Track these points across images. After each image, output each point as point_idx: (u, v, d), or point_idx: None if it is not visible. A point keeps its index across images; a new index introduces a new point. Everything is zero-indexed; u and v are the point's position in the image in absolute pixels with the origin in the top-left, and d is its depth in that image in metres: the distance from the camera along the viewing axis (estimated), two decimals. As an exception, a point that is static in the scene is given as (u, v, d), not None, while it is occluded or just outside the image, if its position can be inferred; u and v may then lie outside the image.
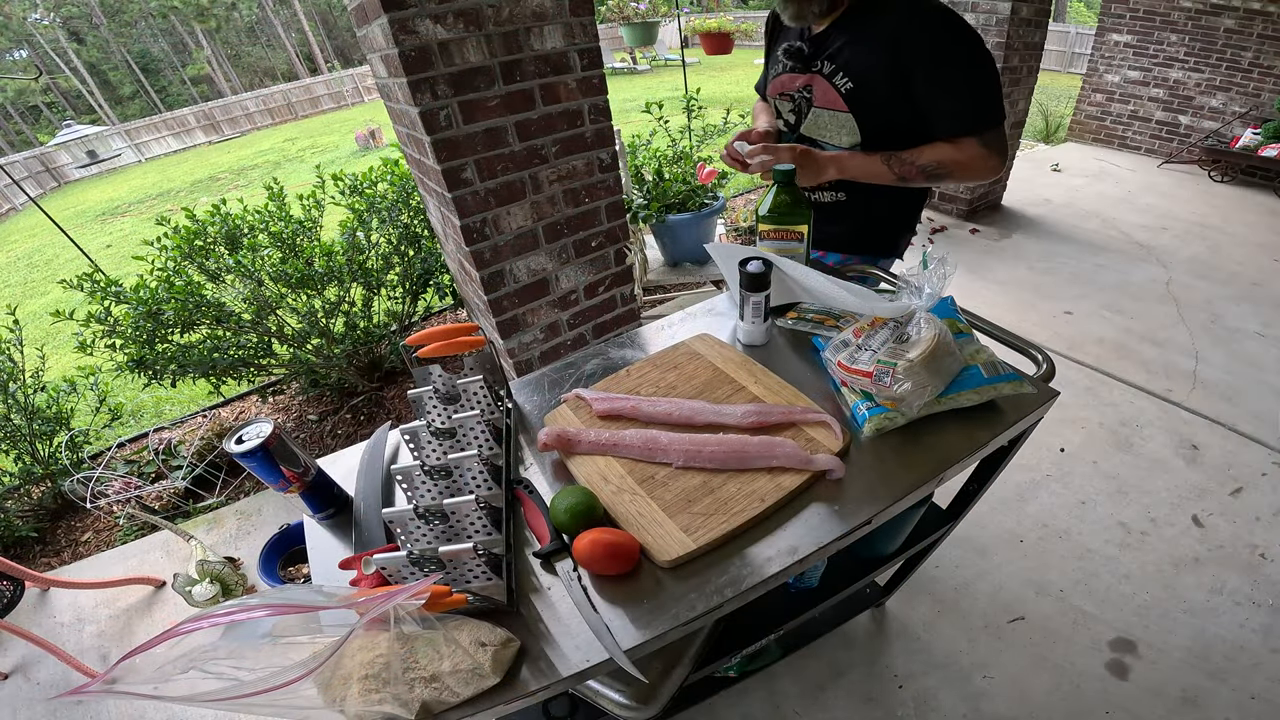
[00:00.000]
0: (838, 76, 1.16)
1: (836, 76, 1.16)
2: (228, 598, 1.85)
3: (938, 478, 0.77)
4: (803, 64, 1.23)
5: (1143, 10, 4.83)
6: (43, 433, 2.41)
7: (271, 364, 2.64)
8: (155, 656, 0.49)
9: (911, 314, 0.86)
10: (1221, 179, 4.52)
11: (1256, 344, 2.68)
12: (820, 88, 1.21)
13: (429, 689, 0.59)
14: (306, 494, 0.82)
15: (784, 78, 1.29)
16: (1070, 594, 1.70)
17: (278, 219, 2.53)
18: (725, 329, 1.10)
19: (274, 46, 28.88)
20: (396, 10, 1.53)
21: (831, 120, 1.22)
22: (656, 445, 0.82)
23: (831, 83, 1.17)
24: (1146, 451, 2.14)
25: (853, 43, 1.13)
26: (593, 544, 0.69)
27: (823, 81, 1.19)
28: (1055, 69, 11.65)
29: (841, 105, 1.18)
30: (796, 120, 1.32)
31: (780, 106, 1.34)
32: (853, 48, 1.13)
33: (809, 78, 1.23)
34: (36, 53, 23.70)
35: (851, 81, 1.15)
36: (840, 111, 1.19)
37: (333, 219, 2.70)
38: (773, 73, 1.34)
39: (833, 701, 1.51)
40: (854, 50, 1.13)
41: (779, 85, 1.32)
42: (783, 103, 1.33)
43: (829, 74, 1.18)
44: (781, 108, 1.34)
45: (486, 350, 0.92)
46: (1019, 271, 3.37)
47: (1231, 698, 1.44)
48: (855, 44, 1.13)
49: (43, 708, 1.71)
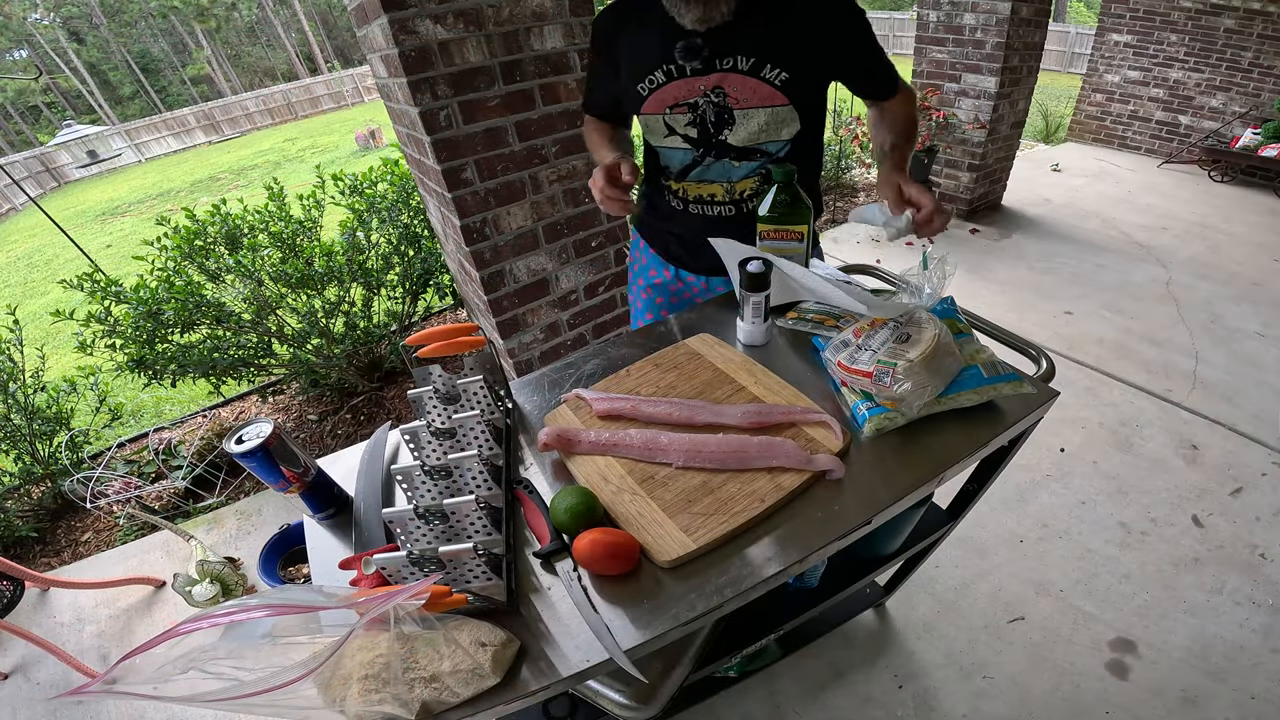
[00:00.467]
0: (765, 70, 1.05)
1: (764, 70, 1.05)
2: (228, 598, 1.85)
3: (938, 478, 0.77)
4: (705, 64, 1.07)
5: (1143, 10, 4.83)
6: (43, 433, 2.41)
7: (271, 364, 2.64)
8: (155, 657, 0.49)
9: (911, 314, 0.86)
10: (1221, 179, 4.52)
11: (1256, 344, 2.68)
12: (739, 86, 1.08)
13: (429, 689, 0.59)
14: (306, 494, 0.82)
15: (676, 85, 1.10)
16: (1070, 594, 1.70)
17: (278, 219, 2.53)
18: (725, 329, 1.10)
19: (274, 46, 28.88)
20: (396, 10, 1.53)
21: (770, 118, 1.10)
22: (656, 445, 0.82)
23: (759, 77, 1.06)
24: (1146, 451, 2.14)
25: (771, 31, 1.03)
26: (593, 544, 0.69)
27: (740, 79, 1.07)
28: (1055, 69, 11.66)
29: (780, 99, 1.08)
30: (707, 132, 1.14)
31: (672, 121, 1.15)
32: (773, 36, 1.04)
33: (717, 78, 1.07)
34: (36, 53, 23.70)
35: (785, 71, 1.05)
36: (779, 106, 1.09)
37: (333, 219, 2.70)
38: (648, 83, 1.12)
39: (833, 701, 1.51)
40: (775, 38, 1.04)
41: (666, 96, 1.12)
42: (676, 116, 1.14)
43: (750, 69, 1.06)
44: (674, 122, 1.15)
45: (486, 350, 0.92)
46: (1019, 271, 3.38)
47: (1231, 698, 1.44)
48: (774, 31, 1.04)
49: (43, 708, 1.71)
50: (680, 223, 1.30)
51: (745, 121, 1.11)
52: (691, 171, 1.21)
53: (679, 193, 1.25)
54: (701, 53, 1.06)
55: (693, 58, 1.07)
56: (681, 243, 1.34)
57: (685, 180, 1.23)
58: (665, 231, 1.36)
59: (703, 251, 1.19)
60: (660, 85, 1.11)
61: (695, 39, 1.05)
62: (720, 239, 1.06)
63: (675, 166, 1.23)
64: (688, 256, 1.35)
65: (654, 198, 1.34)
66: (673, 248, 1.36)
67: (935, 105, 3.69)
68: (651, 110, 1.15)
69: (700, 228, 1.26)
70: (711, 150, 1.17)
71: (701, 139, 1.16)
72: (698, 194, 1.23)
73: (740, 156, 1.16)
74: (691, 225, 1.27)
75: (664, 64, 1.09)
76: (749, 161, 1.17)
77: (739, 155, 1.16)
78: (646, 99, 1.14)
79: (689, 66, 1.08)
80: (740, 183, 1.20)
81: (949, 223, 1.14)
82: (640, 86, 1.13)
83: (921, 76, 3.78)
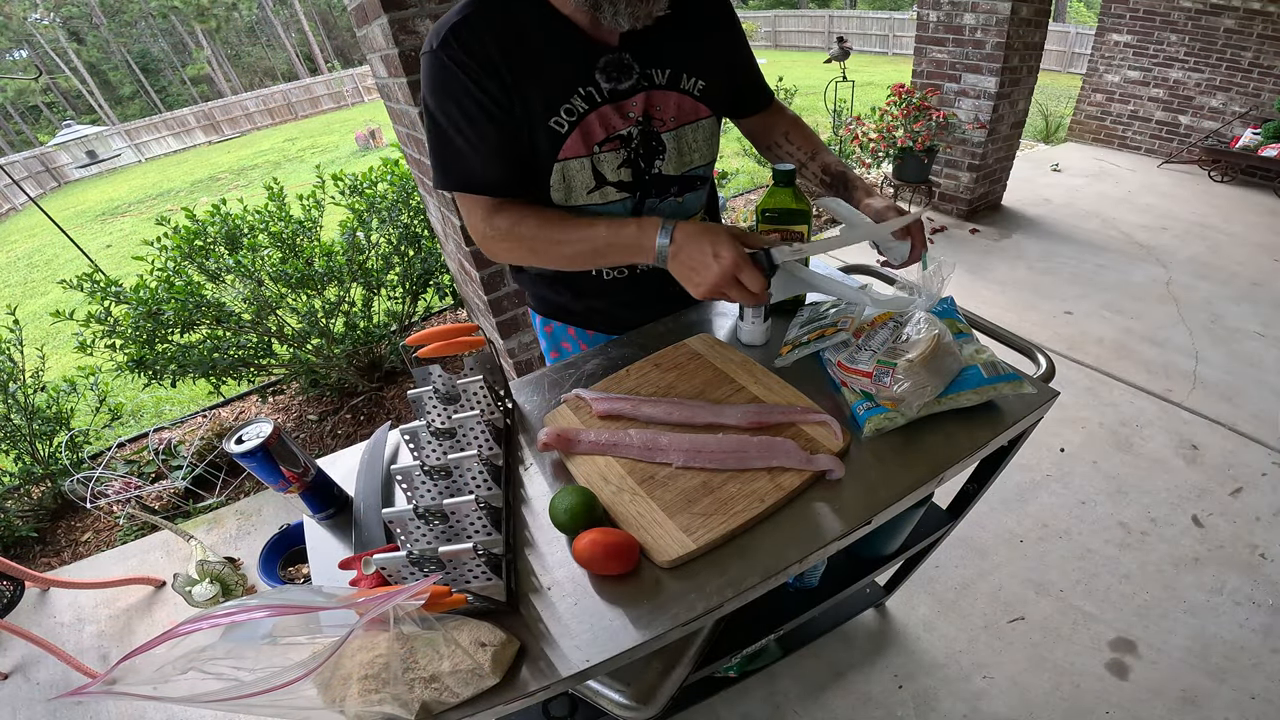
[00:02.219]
0: (684, 80, 0.91)
1: (683, 80, 0.91)
2: (228, 598, 1.85)
3: (938, 478, 0.77)
4: (632, 83, 0.87)
5: (1143, 10, 4.83)
6: (43, 433, 2.41)
7: (271, 364, 2.64)
8: (155, 657, 0.49)
9: (911, 314, 0.86)
10: (1221, 179, 4.52)
11: (1256, 344, 2.68)
12: (662, 103, 0.90)
13: (429, 689, 0.59)
14: (306, 494, 0.82)
15: (602, 112, 0.86)
16: (1070, 594, 1.70)
17: (278, 219, 2.53)
18: (725, 329, 1.10)
19: (274, 46, 28.88)
20: (396, 10, 1.53)
21: (696, 135, 0.95)
22: (656, 445, 0.82)
23: (679, 89, 0.91)
24: (1146, 451, 2.14)
25: (674, 35, 0.88)
26: (593, 544, 0.69)
27: (661, 94, 0.90)
28: (1055, 69, 11.66)
29: (703, 110, 0.95)
30: (639, 169, 0.93)
31: (602, 165, 0.90)
32: (677, 41, 0.89)
33: (643, 98, 0.88)
34: (36, 53, 23.70)
35: (701, 79, 0.92)
36: (704, 119, 0.95)
37: (333, 219, 2.71)
38: (565, 115, 0.85)
39: (833, 701, 1.51)
40: (679, 43, 0.90)
41: (592, 130, 0.87)
42: (606, 156, 0.89)
43: (668, 81, 0.90)
44: (604, 166, 0.90)
45: (486, 350, 0.92)
46: (1019, 271, 3.38)
47: (1231, 697, 1.44)
48: (678, 36, 0.89)
49: (43, 708, 1.71)
50: (629, 291, 1.08)
51: (675, 144, 0.94)
52: None
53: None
54: (632, 68, 0.85)
55: (623, 76, 0.85)
56: (634, 308, 1.12)
57: None
58: (605, 309, 1.12)
59: (657, 301, 1.07)
60: (582, 116, 0.85)
61: (619, 52, 0.84)
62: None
63: None
64: (637, 318, 1.13)
65: (573, 277, 1.07)
66: (621, 314, 1.13)
67: (935, 105, 3.69)
68: (574, 153, 0.87)
69: (656, 286, 1.06)
70: (651, 190, 0.95)
71: (636, 180, 0.94)
72: None
73: (683, 188, 0.99)
74: (646, 286, 1.08)
75: (580, 87, 0.84)
76: (692, 192, 1.00)
77: (681, 186, 0.98)
78: (566, 138, 0.86)
79: (614, 88, 0.86)
80: (695, 219, 1.05)
81: (951, 223, 1.12)
82: (555, 122, 0.85)
83: (921, 76, 3.79)
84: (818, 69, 11.67)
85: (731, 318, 1.12)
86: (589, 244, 0.86)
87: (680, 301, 1.09)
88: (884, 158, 3.80)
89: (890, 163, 3.84)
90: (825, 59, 5.71)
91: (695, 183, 1.02)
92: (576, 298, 1.13)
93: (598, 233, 0.85)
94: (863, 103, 5.25)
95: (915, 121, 3.61)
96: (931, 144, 3.60)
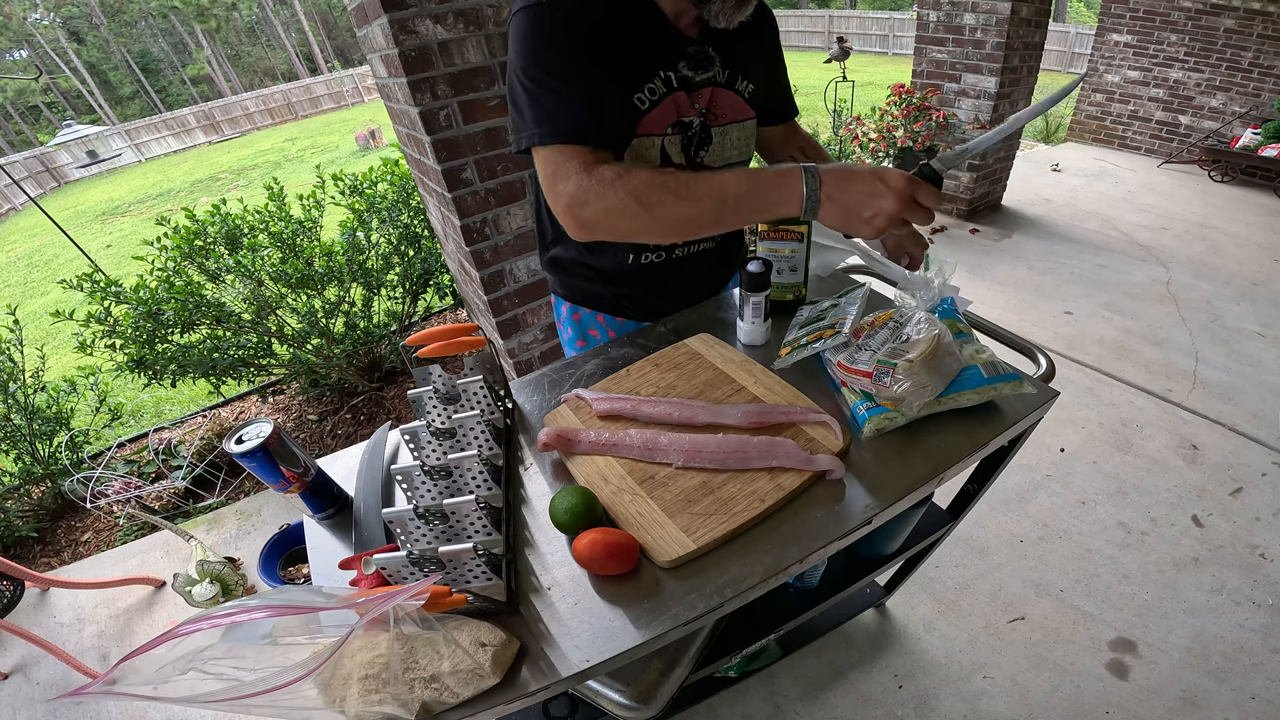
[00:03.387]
0: (739, 81, 0.98)
1: (739, 81, 0.98)
2: (228, 598, 1.85)
3: (938, 478, 0.77)
4: (709, 75, 0.93)
5: (1143, 10, 4.83)
6: (43, 433, 2.41)
7: (271, 364, 2.64)
8: (155, 657, 0.49)
9: (911, 314, 0.86)
10: (1221, 179, 4.52)
11: (1256, 344, 2.68)
12: (720, 100, 0.97)
13: (429, 689, 0.59)
14: (306, 494, 0.82)
15: (678, 97, 0.92)
16: (1070, 594, 1.70)
17: (278, 219, 2.53)
18: (725, 329, 1.10)
19: (274, 46, 28.88)
20: (396, 10, 1.53)
21: (739, 133, 1.01)
22: (656, 445, 0.82)
23: (734, 90, 0.98)
24: (1146, 451, 2.14)
25: (738, 38, 0.93)
26: (592, 544, 0.69)
27: (723, 92, 0.97)
28: (1055, 69, 11.66)
29: (748, 111, 1.01)
30: (689, 156, 0.98)
31: (670, 146, 0.95)
32: (739, 44, 0.96)
33: (709, 91, 0.95)
34: (36, 53, 23.70)
35: (751, 82, 0.99)
36: (748, 120, 1.02)
37: (333, 219, 2.70)
38: (648, 94, 0.89)
39: (833, 701, 1.51)
40: (740, 46, 0.96)
41: (667, 113, 0.92)
42: (671, 138, 0.94)
43: (727, 81, 0.96)
44: (671, 147, 0.95)
45: (486, 350, 0.92)
46: (1019, 271, 3.38)
47: (1231, 698, 1.44)
48: (740, 39, 0.95)
49: (43, 708, 1.71)
50: (661, 279, 1.13)
51: (721, 139, 0.99)
52: None
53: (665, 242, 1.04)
54: (713, 62, 0.92)
55: (704, 68, 0.91)
56: (664, 296, 1.17)
57: None
58: (636, 295, 1.16)
59: (687, 289, 1.14)
60: (661, 98, 0.91)
61: (703, 44, 0.91)
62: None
63: None
64: (668, 306, 1.17)
65: (602, 260, 1.10)
66: (651, 302, 1.18)
67: (935, 105, 3.69)
68: (650, 130, 0.92)
69: (688, 272, 1.14)
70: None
71: (686, 166, 0.98)
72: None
73: None
74: (677, 273, 1.14)
75: (662, 70, 0.89)
76: None
77: None
78: (645, 114, 0.90)
79: (692, 78, 0.91)
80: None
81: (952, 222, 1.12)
82: (638, 98, 0.89)
83: (921, 76, 3.79)
84: (818, 69, 11.67)
85: (732, 318, 1.12)
86: (715, 197, 0.78)
87: (708, 291, 1.19)
88: (884, 158, 3.81)
89: (890, 163, 3.84)
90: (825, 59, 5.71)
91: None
92: (606, 283, 1.14)
93: (726, 183, 0.77)
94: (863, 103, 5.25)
95: (915, 121, 3.61)
96: (931, 144, 3.60)
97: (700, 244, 1.12)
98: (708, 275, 1.19)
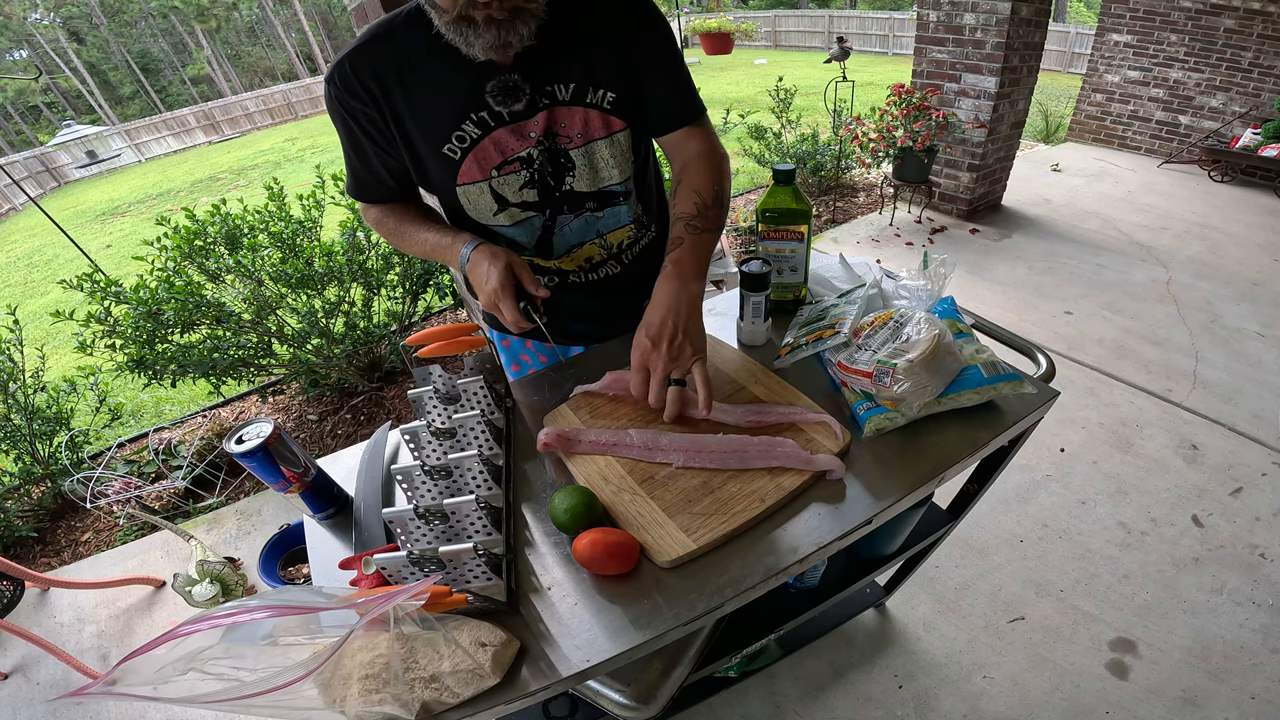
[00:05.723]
0: (591, 94, 0.88)
1: (589, 94, 0.88)
2: (228, 598, 1.85)
3: (938, 478, 0.77)
4: (524, 104, 0.85)
5: (1143, 10, 4.83)
6: (43, 433, 2.41)
7: (271, 364, 2.64)
8: (155, 657, 0.49)
9: (911, 314, 0.86)
10: (1221, 179, 4.52)
11: (1256, 344, 2.68)
12: (566, 120, 0.89)
13: (429, 689, 0.59)
14: (306, 494, 0.82)
15: (496, 136, 0.87)
16: (1070, 594, 1.70)
17: (278, 219, 2.53)
18: (725, 329, 1.10)
19: (274, 46, 28.88)
20: (396, 10, 1.52)
21: (610, 150, 0.93)
22: (656, 445, 0.82)
23: (586, 104, 0.89)
24: (1146, 451, 2.14)
25: (583, 46, 0.86)
26: (592, 544, 0.69)
27: (568, 111, 0.88)
28: (1055, 69, 11.66)
29: (615, 124, 0.92)
30: (548, 187, 0.94)
31: (502, 189, 0.92)
32: (585, 51, 0.86)
33: (544, 117, 0.87)
34: (36, 53, 23.70)
35: (612, 91, 0.89)
36: (617, 132, 0.93)
37: (333, 219, 2.70)
38: (457, 142, 0.87)
39: (833, 701, 1.51)
40: (588, 54, 0.86)
41: (488, 154, 0.88)
42: (506, 179, 0.91)
43: (573, 97, 0.88)
44: (504, 190, 0.92)
45: (486, 350, 0.92)
46: (1019, 271, 3.38)
47: (1231, 698, 1.44)
48: (587, 46, 0.86)
49: (43, 708, 1.71)
50: (569, 305, 1.09)
51: (586, 160, 0.93)
52: (552, 243, 1.00)
53: (555, 270, 1.05)
54: (522, 90, 0.84)
55: (513, 99, 0.84)
56: (588, 320, 1.13)
57: (554, 257, 1.02)
58: (561, 324, 1.11)
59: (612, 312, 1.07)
60: (476, 141, 0.87)
61: (509, 74, 0.83)
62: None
63: (529, 246, 1.00)
64: (599, 328, 1.12)
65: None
66: (576, 327, 1.14)
67: (935, 105, 3.69)
68: (472, 178, 0.90)
69: (593, 294, 1.08)
70: (562, 206, 0.96)
71: (545, 199, 0.95)
72: (575, 265, 1.04)
73: (601, 203, 0.98)
74: (589, 298, 1.09)
75: (472, 112, 0.85)
76: (612, 207, 0.99)
77: (598, 203, 0.98)
78: (461, 164, 0.88)
79: (507, 111, 0.86)
80: (613, 234, 1.03)
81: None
82: (448, 149, 0.87)
83: (921, 76, 3.79)
84: (818, 69, 11.66)
85: (732, 318, 1.12)
86: (423, 245, 0.97)
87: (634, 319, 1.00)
88: (884, 158, 3.80)
89: (890, 163, 3.84)
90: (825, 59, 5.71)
91: (616, 198, 0.99)
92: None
93: (426, 237, 0.96)
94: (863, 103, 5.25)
95: (915, 121, 3.61)
96: (931, 144, 3.60)
97: (601, 270, 1.07)
98: (631, 299, 1.07)
